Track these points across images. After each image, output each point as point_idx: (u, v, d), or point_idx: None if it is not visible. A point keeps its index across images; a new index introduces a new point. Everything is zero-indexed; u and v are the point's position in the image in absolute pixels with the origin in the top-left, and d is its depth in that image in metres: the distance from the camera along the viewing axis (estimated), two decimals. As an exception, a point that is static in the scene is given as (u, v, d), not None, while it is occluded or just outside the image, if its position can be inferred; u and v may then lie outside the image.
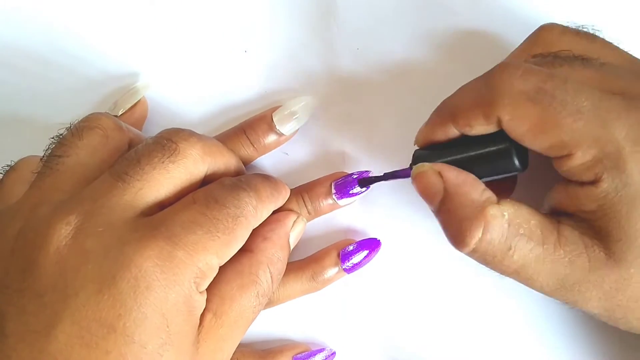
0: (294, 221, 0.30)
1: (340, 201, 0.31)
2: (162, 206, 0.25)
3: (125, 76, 0.34)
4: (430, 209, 0.26)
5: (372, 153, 0.33)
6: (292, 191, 0.31)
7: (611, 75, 0.24)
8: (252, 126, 0.32)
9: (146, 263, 0.22)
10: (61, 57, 0.34)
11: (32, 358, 0.21)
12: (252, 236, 0.27)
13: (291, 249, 0.30)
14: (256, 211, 0.26)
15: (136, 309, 0.22)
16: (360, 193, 0.31)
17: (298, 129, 0.32)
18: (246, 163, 0.32)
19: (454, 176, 0.25)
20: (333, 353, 0.33)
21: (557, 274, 0.24)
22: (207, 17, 0.34)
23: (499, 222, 0.24)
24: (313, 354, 0.32)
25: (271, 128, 0.32)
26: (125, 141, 0.27)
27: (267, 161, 0.33)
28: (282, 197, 0.30)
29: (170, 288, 0.23)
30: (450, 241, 0.25)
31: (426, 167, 0.26)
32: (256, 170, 0.33)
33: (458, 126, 0.26)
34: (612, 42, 0.26)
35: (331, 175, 0.32)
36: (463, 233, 0.24)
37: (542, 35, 0.27)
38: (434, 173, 0.25)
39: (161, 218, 0.24)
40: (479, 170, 0.26)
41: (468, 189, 0.25)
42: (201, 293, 0.24)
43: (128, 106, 0.32)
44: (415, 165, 0.27)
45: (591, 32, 0.27)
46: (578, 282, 0.23)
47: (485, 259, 0.24)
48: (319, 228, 0.33)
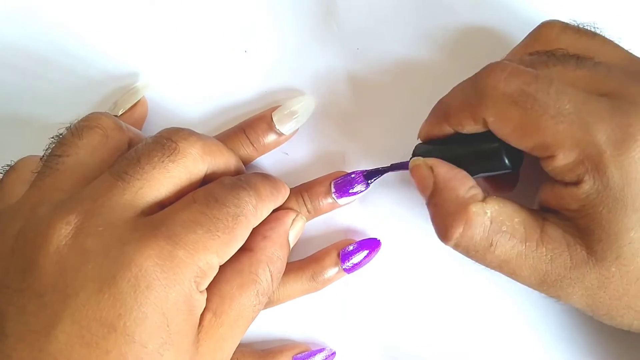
0: (293, 219, 0.30)
1: (339, 200, 0.31)
2: (162, 205, 0.25)
3: (125, 76, 0.34)
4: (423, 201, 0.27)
5: (372, 153, 0.33)
6: (292, 190, 0.31)
7: (602, 76, 0.24)
8: (252, 126, 0.32)
9: (146, 262, 0.22)
10: (61, 57, 0.34)
11: (32, 358, 0.21)
12: (252, 235, 0.27)
13: (291, 248, 0.30)
14: (256, 210, 0.26)
15: (136, 309, 0.22)
16: (360, 192, 0.31)
17: (298, 129, 0.32)
18: (246, 163, 0.32)
19: (444, 171, 0.26)
20: (333, 353, 0.33)
21: (539, 270, 0.24)
22: (207, 17, 0.34)
23: (481, 220, 0.24)
24: (313, 354, 0.32)
25: (271, 128, 0.32)
26: (125, 141, 0.27)
27: (267, 161, 0.33)
28: (282, 196, 0.30)
29: (170, 287, 0.23)
30: (436, 234, 0.26)
31: (420, 161, 0.27)
32: (256, 169, 0.33)
33: (451, 125, 0.26)
34: (613, 40, 0.26)
35: (331, 174, 0.32)
36: (446, 227, 0.25)
37: (543, 32, 0.27)
38: (427, 167, 0.27)
39: (161, 217, 0.24)
40: (472, 167, 0.26)
41: (455, 185, 0.25)
42: (201, 292, 0.24)
43: (128, 106, 0.32)
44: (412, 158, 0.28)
45: (592, 30, 0.27)
46: (559, 279, 0.24)
47: (468, 253, 0.25)
48: (319, 228, 0.33)
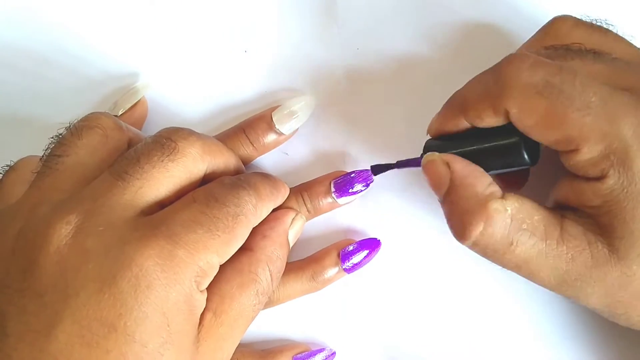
0: (293, 218, 0.30)
1: (339, 200, 0.31)
2: (162, 205, 0.25)
3: (125, 76, 0.34)
4: (437, 199, 0.26)
5: (372, 152, 0.33)
6: (292, 190, 0.31)
7: (622, 70, 0.24)
8: (252, 125, 0.32)
9: (147, 262, 0.22)
10: (61, 57, 0.34)
11: (33, 357, 0.21)
12: (252, 234, 0.27)
13: (290, 247, 0.30)
14: (256, 210, 0.26)
15: (137, 308, 0.22)
16: (359, 192, 0.31)
17: (297, 129, 0.32)
18: (246, 162, 0.32)
19: (461, 168, 0.25)
20: (333, 353, 0.33)
21: (559, 270, 0.23)
22: (207, 17, 0.34)
23: (502, 217, 0.24)
24: (313, 354, 0.32)
25: (271, 127, 0.32)
26: (124, 140, 0.27)
27: (267, 161, 0.33)
28: (282, 196, 0.30)
29: (171, 287, 0.23)
30: (452, 233, 0.25)
31: (435, 157, 0.26)
32: (256, 169, 0.33)
33: (468, 118, 0.26)
34: (625, 37, 0.26)
35: (331, 174, 0.32)
36: (465, 226, 0.24)
37: (555, 26, 0.27)
38: (442, 163, 0.26)
39: (161, 217, 0.24)
40: (489, 162, 0.25)
41: (473, 182, 0.25)
42: (202, 292, 0.24)
43: (128, 106, 0.32)
44: (425, 154, 0.27)
45: (604, 27, 0.26)
46: (580, 278, 0.23)
47: (486, 253, 0.24)
48: (319, 228, 0.33)
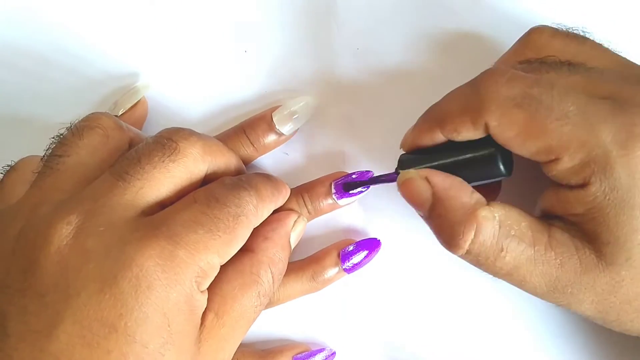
0: (295, 221, 0.30)
1: (340, 201, 0.31)
2: (163, 205, 0.25)
3: (125, 76, 0.34)
4: (419, 215, 0.26)
5: (372, 153, 0.33)
6: (292, 191, 0.31)
7: (598, 79, 0.24)
8: (252, 126, 0.32)
9: (147, 262, 0.22)
10: (61, 57, 0.34)
11: (34, 358, 0.21)
12: (254, 236, 0.27)
13: (292, 249, 0.30)
14: (257, 210, 0.26)
15: (137, 309, 0.22)
16: (360, 193, 0.31)
17: (298, 129, 0.32)
18: (246, 163, 0.32)
19: (441, 180, 0.25)
20: (333, 353, 0.33)
21: (549, 276, 0.24)
22: (207, 17, 0.34)
23: (491, 224, 0.24)
24: (313, 354, 0.32)
25: (271, 128, 0.32)
26: (125, 141, 0.27)
27: (267, 161, 0.33)
28: (283, 197, 0.30)
29: (171, 287, 0.23)
30: (443, 245, 0.25)
31: (412, 174, 0.26)
32: (256, 170, 0.33)
33: (445, 132, 0.26)
34: (602, 44, 0.26)
35: (331, 175, 0.32)
36: (456, 236, 0.24)
37: (533, 37, 0.27)
38: (421, 179, 0.26)
39: (162, 217, 0.24)
40: (465, 175, 0.26)
41: (457, 193, 0.25)
42: (202, 292, 0.24)
43: (128, 106, 0.32)
44: (401, 170, 0.27)
45: (581, 34, 0.27)
46: (570, 284, 0.23)
47: (478, 261, 0.25)
48: (319, 228, 0.33)
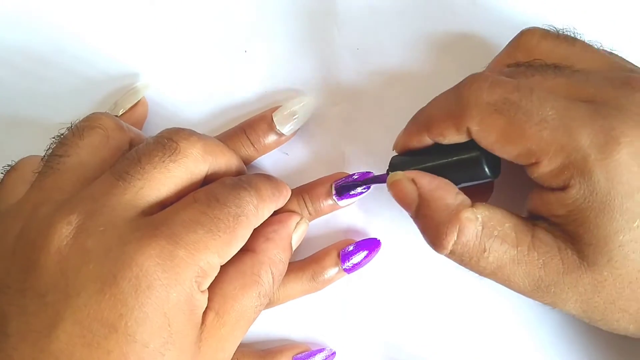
0: (297, 223, 0.30)
1: (340, 202, 0.31)
2: (163, 205, 0.25)
3: (125, 76, 0.34)
4: (408, 215, 0.27)
5: (372, 153, 0.33)
6: (293, 192, 0.31)
7: (582, 82, 0.24)
8: (252, 126, 0.32)
9: (147, 262, 0.22)
10: (61, 57, 0.34)
11: (34, 358, 0.21)
12: (255, 236, 0.27)
13: (293, 251, 0.30)
14: (257, 210, 0.26)
15: (138, 309, 0.22)
16: (360, 194, 0.31)
17: (298, 129, 0.32)
18: (246, 163, 0.32)
19: (427, 182, 0.26)
20: (333, 353, 0.33)
21: (532, 276, 0.24)
22: (207, 17, 0.34)
23: (473, 225, 0.24)
24: (313, 354, 0.32)
25: (271, 128, 0.32)
26: (126, 141, 0.27)
27: (267, 161, 0.33)
28: (283, 197, 0.30)
29: (171, 287, 0.23)
30: (429, 244, 0.26)
31: (400, 175, 0.27)
32: (256, 170, 0.33)
33: (431, 135, 0.26)
34: (593, 45, 0.27)
35: (332, 175, 0.32)
36: (440, 236, 0.25)
37: (523, 40, 0.28)
38: (408, 180, 0.26)
39: (162, 217, 0.24)
40: (453, 177, 0.26)
41: (442, 194, 0.25)
42: (202, 292, 0.24)
43: (128, 106, 0.32)
44: (391, 171, 0.28)
45: (572, 35, 0.27)
46: (553, 284, 0.24)
47: (462, 261, 0.25)
48: (319, 228, 0.33)
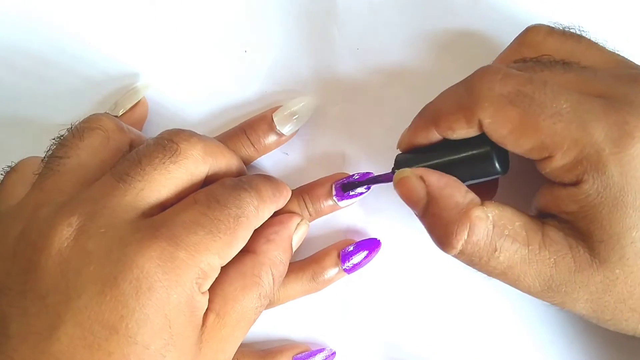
0: (298, 224, 0.30)
1: (340, 202, 0.31)
2: (164, 207, 0.25)
3: (125, 76, 0.34)
4: (414, 213, 0.26)
5: (372, 153, 0.33)
6: (293, 192, 0.31)
7: (591, 78, 0.24)
8: (253, 126, 0.32)
9: (148, 264, 0.22)
10: (61, 57, 0.34)
11: (34, 359, 0.21)
12: (256, 238, 0.27)
13: (293, 252, 0.30)
14: (257, 211, 0.26)
15: (138, 310, 0.22)
16: (361, 194, 0.31)
17: (298, 129, 0.32)
18: (246, 163, 0.32)
19: (436, 180, 0.25)
20: (333, 353, 0.33)
21: (543, 275, 0.24)
22: (207, 17, 0.34)
23: (484, 224, 0.24)
24: (313, 354, 0.32)
25: (271, 128, 0.32)
26: (126, 142, 0.27)
27: (267, 161, 0.33)
28: (284, 198, 0.30)
29: (172, 289, 0.23)
30: (437, 244, 0.25)
31: (407, 172, 0.26)
32: (256, 170, 0.33)
33: (440, 130, 0.26)
34: (598, 43, 0.27)
35: (332, 176, 0.32)
36: (449, 236, 0.24)
37: (529, 36, 0.27)
38: (416, 178, 0.26)
39: (162, 219, 0.24)
40: (461, 173, 0.26)
41: (451, 192, 0.25)
42: (203, 293, 0.24)
43: (128, 106, 0.32)
44: (397, 169, 0.27)
45: (577, 33, 0.27)
46: (564, 283, 0.23)
47: (472, 261, 0.25)
48: (319, 228, 0.33)
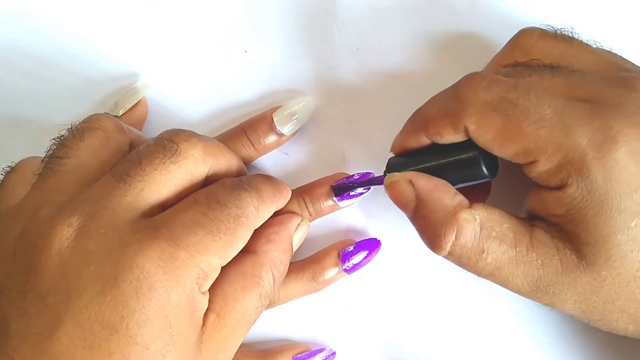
0: (298, 224, 0.30)
1: (340, 203, 0.31)
2: (164, 207, 0.25)
3: (125, 76, 0.34)
4: (406, 216, 0.27)
5: (372, 153, 0.33)
6: (293, 192, 0.31)
7: (579, 82, 0.24)
8: (253, 126, 0.32)
9: (148, 264, 0.22)
10: (61, 57, 0.34)
11: (34, 359, 0.21)
12: (256, 238, 0.27)
13: (293, 252, 0.30)
14: (257, 211, 0.26)
15: (139, 311, 0.22)
16: (361, 194, 0.31)
17: (298, 129, 0.32)
18: (247, 163, 0.32)
19: (425, 183, 0.26)
20: (333, 353, 0.33)
21: (531, 276, 0.24)
22: (207, 17, 0.34)
23: (471, 226, 0.24)
24: (313, 354, 0.32)
25: (271, 128, 0.32)
26: (126, 142, 0.27)
27: (267, 161, 0.33)
28: (284, 198, 0.30)
29: (172, 289, 0.23)
30: (427, 245, 0.26)
31: (397, 177, 0.27)
32: (256, 170, 0.33)
33: (429, 135, 0.26)
34: (590, 45, 0.27)
35: (332, 176, 0.32)
36: (438, 237, 0.25)
37: (522, 39, 0.28)
38: (405, 182, 0.26)
39: (163, 219, 0.24)
40: (450, 177, 0.26)
41: (440, 195, 0.25)
42: (203, 294, 0.24)
43: (128, 106, 0.32)
44: (389, 172, 0.28)
45: (570, 35, 0.27)
46: (552, 284, 0.24)
47: (461, 262, 0.25)
48: (319, 228, 0.33)
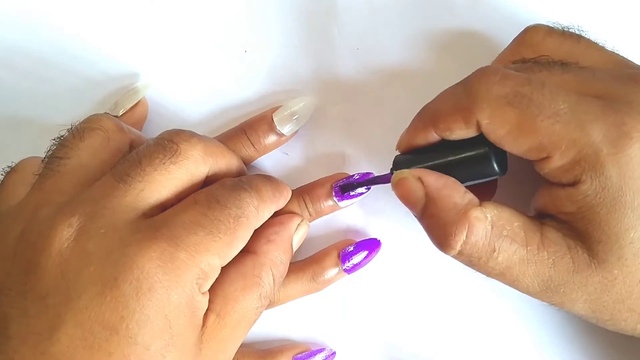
0: (298, 224, 0.30)
1: (340, 203, 0.31)
2: (164, 207, 0.25)
3: (125, 76, 0.34)
4: (412, 214, 0.26)
5: (372, 153, 0.33)
6: (293, 192, 0.31)
7: (589, 78, 0.24)
8: (253, 126, 0.32)
9: (148, 264, 0.22)
10: (61, 57, 0.34)
11: (35, 360, 0.21)
12: (256, 238, 0.27)
13: (294, 252, 0.30)
14: (257, 211, 0.26)
15: (139, 311, 0.22)
16: (361, 194, 0.31)
17: (298, 129, 0.32)
18: (247, 163, 0.32)
19: (434, 180, 0.25)
20: (333, 353, 0.33)
21: (542, 276, 0.24)
22: (207, 17, 0.34)
23: (483, 224, 0.24)
24: (313, 354, 0.32)
25: (271, 128, 0.32)
26: (126, 142, 0.27)
27: (267, 161, 0.33)
28: (284, 198, 0.30)
29: (172, 289, 0.23)
30: (435, 245, 0.25)
31: (406, 174, 0.26)
32: (256, 170, 0.33)
33: (438, 130, 0.26)
34: (597, 43, 0.27)
35: (332, 176, 0.32)
36: (448, 236, 0.24)
37: (528, 36, 0.27)
38: (414, 179, 0.26)
39: (163, 219, 0.24)
40: (459, 174, 0.26)
41: (449, 192, 0.25)
42: (203, 294, 0.24)
43: (128, 106, 0.32)
44: (396, 170, 0.27)
45: (576, 33, 0.27)
46: (563, 284, 0.24)
47: (470, 261, 0.25)
48: (320, 228, 0.33)
